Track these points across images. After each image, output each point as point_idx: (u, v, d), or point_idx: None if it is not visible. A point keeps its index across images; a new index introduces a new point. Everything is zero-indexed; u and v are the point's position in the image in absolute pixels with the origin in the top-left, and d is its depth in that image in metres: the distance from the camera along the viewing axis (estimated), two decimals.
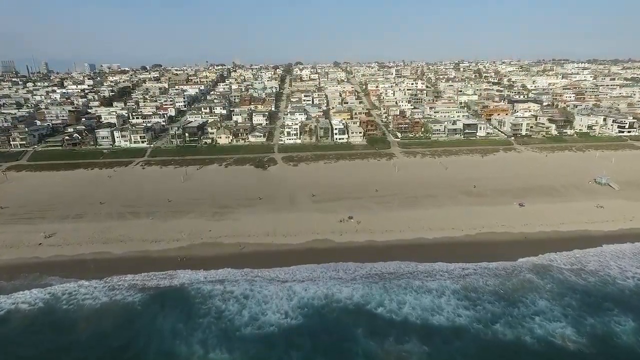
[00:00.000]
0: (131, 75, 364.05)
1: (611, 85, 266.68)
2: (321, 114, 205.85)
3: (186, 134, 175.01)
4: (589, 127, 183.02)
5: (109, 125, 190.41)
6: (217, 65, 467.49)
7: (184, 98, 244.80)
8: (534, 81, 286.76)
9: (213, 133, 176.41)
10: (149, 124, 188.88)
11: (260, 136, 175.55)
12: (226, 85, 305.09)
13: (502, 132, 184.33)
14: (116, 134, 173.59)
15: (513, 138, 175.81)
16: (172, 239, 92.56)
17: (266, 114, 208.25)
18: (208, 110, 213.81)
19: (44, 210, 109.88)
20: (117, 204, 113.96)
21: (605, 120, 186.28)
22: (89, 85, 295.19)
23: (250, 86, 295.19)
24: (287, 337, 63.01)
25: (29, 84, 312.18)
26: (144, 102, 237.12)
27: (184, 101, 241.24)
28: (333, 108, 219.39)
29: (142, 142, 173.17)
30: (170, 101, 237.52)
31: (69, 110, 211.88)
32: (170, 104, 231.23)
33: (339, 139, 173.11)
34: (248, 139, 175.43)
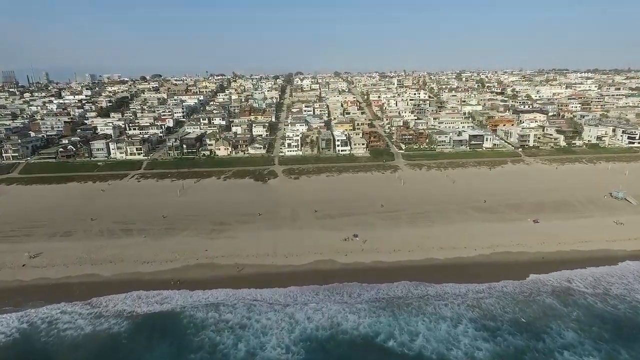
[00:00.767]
0: (130, 86, 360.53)
1: (617, 95, 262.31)
2: (322, 124, 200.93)
3: (184, 146, 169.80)
4: (599, 138, 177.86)
5: (105, 136, 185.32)
6: (217, 76, 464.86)
7: (183, 109, 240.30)
8: (537, 91, 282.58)
9: (212, 145, 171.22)
10: (146, 136, 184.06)
11: (260, 148, 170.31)
12: (226, 95, 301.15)
13: (509, 144, 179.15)
14: (112, 145, 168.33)
15: (521, 149, 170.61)
16: (166, 260, 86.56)
17: (266, 125, 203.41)
18: (207, 121, 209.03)
19: (31, 227, 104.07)
20: (109, 220, 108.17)
21: (614, 131, 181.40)
22: (86, 96, 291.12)
23: (250, 96, 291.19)
24: None
25: (26, 95, 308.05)
26: (142, 113, 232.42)
27: (183, 112, 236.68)
28: (335, 119, 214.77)
29: (139, 154, 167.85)
30: (169, 112, 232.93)
31: (65, 121, 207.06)
32: (169, 115, 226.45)
33: (342, 150, 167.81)
34: (247, 150, 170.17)
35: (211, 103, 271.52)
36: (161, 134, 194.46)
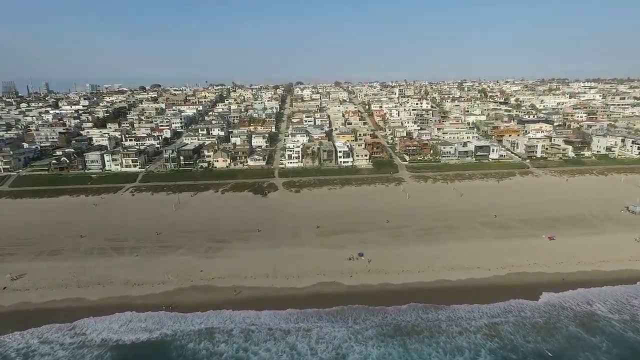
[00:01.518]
0: (128, 96, 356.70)
1: (622, 105, 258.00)
2: (324, 135, 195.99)
3: (181, 157, 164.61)
4: (608, 149, 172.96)
5: (100, 147, 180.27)
6: (217, 85, 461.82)
7: (181, 119, 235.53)
8: (541, 101, 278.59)
9: (210, 156, 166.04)
10: (143, 147, 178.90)
11: (260, 159, 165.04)
12: (225, 105, 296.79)
13: (516, 154, 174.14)
14: (106, 157, 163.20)
15: (528, 161, 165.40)
16: (158, 282, 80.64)
17: (266, 135, 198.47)
18: (205, 132, 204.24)
19: (17, 245, 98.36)
20: (100, 238, 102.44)
21: (623, 141, 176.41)
22: (83, 106, 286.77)
23: (250, 106, 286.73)
24: None
25: (23, 105, 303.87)
26: (139, 124, 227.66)
27: (181, 122, 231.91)
28: (336, 129, 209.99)
29: (134, 166, 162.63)
30: (167, 122, 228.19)
31: (60, 132, 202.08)
32: (167, 125, 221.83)
33: (344, 162, 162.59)
34: (247, 162, 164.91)
35: (210, 113, 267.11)
36: (158, 145, 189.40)
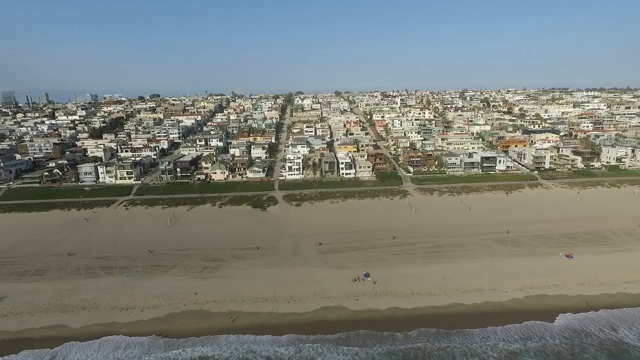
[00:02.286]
0: (126, 106, 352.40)
1: (628, 114, 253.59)
2: (325, 146, 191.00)
3: (177, 169, 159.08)
4: (618, 160, 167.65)
5: (95, 159, 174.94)
6: (217, 95, 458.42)
7: (179, 129, 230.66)
8: (546, 110, 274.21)
9: (207, 168, 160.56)
10: (139, 158, 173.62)
11: (259, 171, 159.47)
12: (224, 115, 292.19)
13: (523, 166, 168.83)
14: (100, 169, 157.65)
15: (536, 172, 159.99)
16: (148, 306, 74.58)
17: (266, 146, 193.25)
18: (203, 143, 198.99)
19: None
20: (89, 256, 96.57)
21: (634, 151, 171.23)
22: (80, 117, 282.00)
23: (249, 117, 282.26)
24: None
25: (19, 115, 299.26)
26: (136, 134, 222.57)
27: (179, 133, 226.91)
28: (338, 140, 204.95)
29: (129, 179, 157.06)
30: (164, 133, 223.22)
31: (54, 143, 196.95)
32: (164, 136, 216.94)
33: (346, 174, 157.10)
34: (246, 174, 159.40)
35: (209, 124, 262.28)
36: (155, 157, 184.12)
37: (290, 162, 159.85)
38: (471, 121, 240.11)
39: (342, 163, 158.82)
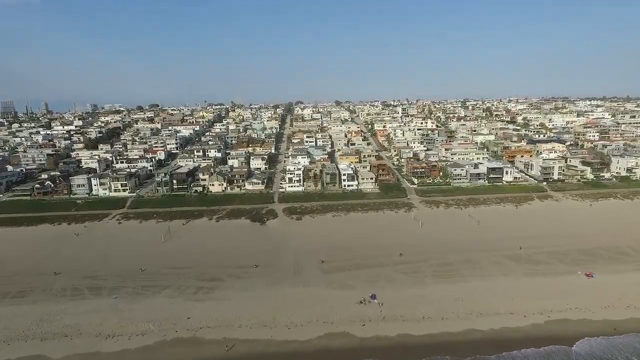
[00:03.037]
0: (124, 115, 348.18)
1: (634, 123, 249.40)
2: (326, 156, 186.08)
3: (174, 181, 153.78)
4: (629, 170, 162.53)
5: (89, 170, 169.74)
6: (216, 105, 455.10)
7: (177, 139, 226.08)
8: (550, 119, 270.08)
9: (205, 180, 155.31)
10: (134, 170, 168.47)
11: (259, 183, 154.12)
12: (223, 125, 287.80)
13: (531, 176, 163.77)
14: (94, 181, 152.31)
15: (545, 183, 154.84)
16: (137, 332, 68.54)
17: (265, 157, 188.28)
18: (201, 153, 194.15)
19: None
20: (77, 275, 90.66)
21: None
22: (77, 127, 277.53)
23: (248, 126, 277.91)
24: None
25: (15, 125, 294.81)
26: (133, 144, 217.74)
27: (177, 143, 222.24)
28: (339, 150, 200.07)
29: (124, 191, 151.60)
30: (161, 143, 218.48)
31: (48, 154, 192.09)
32: (161, 147, 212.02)
33: (348, 185, 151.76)
34: (244, 186, 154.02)
35: (207, 134, 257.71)
36: (151, 168, 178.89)
37: (291, 174, 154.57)
38: (474, 131, 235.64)
39: (344, 174, 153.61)
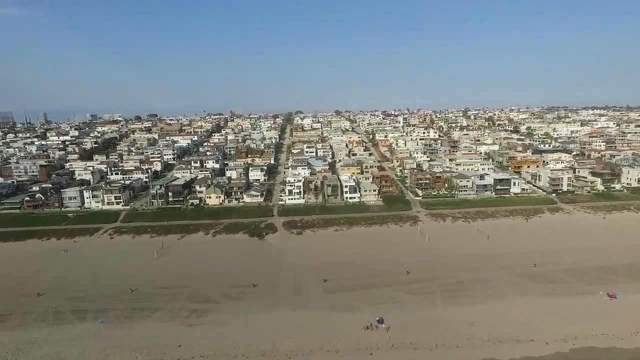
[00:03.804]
0: (121, 126, 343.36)
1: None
2: (327, 167, 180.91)
3: (169, 193, 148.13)
4: None
5: (82, 182, 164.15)
6: (215, 115, 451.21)
7: (174, 150, 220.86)
8: (554, 129, 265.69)
9: (201, 192, 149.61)
10: (129, 181, 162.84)
11: (257, 195, 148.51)
12: (221, 135, 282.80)
13: (539, 188, 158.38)
14: (86, 193, 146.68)
15: (554, 195, 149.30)
16: None
17: (264, 168, 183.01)
18: (198, 164, 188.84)
19: None
20: (61, 296, 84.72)
21: None
22: (72, 137, 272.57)
23: (247, 136, 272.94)
24: None
25: (10, 135, 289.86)
26: (129, 155, 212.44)
27: (174, 154, 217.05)
28: (340, 161, 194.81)
29: (117, 204, 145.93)
30: (158, 154, 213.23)
31: (41, 165, 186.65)
32: (158, 157, 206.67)
33: (350, 198, 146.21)
34: (243, 198, 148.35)
35: (205, 144, 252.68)
36: (146, 179, 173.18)
37: (291, 185, 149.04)
38: (478, 140, 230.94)
39: (346, 186, 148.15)
